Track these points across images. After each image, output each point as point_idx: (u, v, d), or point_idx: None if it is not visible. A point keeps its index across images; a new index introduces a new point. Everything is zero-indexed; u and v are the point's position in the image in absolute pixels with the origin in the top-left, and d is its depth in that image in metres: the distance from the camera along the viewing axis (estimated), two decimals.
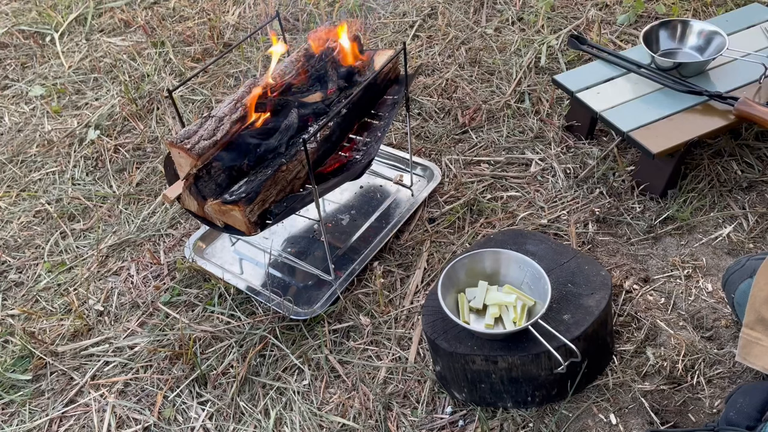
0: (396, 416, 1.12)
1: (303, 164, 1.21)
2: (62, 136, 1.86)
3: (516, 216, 1.44)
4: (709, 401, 1.08)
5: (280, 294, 1.31)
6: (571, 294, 1.09)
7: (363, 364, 1.20)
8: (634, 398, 1.09)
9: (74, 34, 2.32)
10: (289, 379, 1.20)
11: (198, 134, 1.17)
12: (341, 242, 1.42)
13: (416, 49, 2.00)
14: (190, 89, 1.96)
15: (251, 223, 1.15)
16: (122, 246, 1.51)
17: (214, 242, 1.47)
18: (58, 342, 1.32)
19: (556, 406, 1.09)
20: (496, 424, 1.08)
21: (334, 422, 1.12)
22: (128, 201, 1.63)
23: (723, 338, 1.16)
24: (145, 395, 1.21)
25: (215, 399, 1.18)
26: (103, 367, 1.27)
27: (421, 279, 1.34)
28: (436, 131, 1.69)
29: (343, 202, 1.52)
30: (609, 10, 2.05)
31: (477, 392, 1.09)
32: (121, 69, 2.10)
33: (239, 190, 1.17)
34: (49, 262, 1.49)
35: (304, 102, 1.31)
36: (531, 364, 1.03)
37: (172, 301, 1.36)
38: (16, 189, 1.71)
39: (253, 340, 1.26)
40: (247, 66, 2.02)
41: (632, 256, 1.32)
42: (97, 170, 1.75)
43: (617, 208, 1.42)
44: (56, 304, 1.40)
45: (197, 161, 1.16)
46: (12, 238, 1.57)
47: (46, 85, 2.08)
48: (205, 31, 2.19)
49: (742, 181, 1.43)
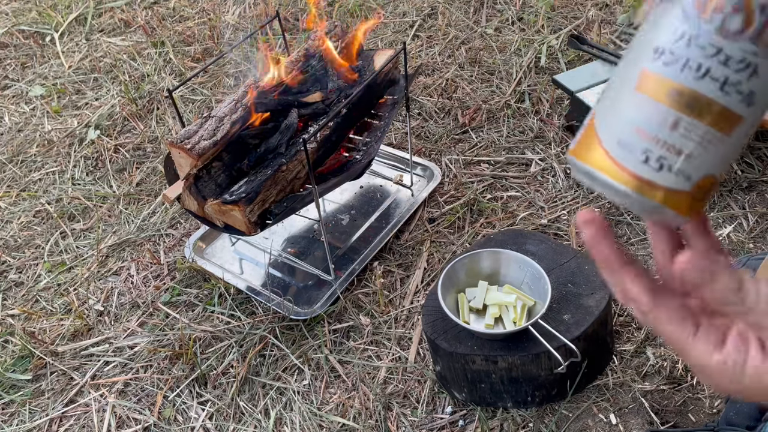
0: (396, 416, 1.12)
1: (303, 164, 1.21)
2: (62, 136, 1.86)
3: (516, 216, 1.44)
4: (709, 401, 1.08)
5: (280, 294, 1.31)
6: (571, 294, 1.09)
7: (363, 364, 1.20)
8: (634, 398, 1.09)
9: (74, 34, 2.32)
10: (289, 379, 1.20)
11: (198, 134, 1.17)
12: (341, 242, 1.42)
13: (416, 49, 2.00)
14: (190, 89, 1.96)
15: (251, 223, 1.15)
16: (122, 246, 1.51)
17: (214, 242, 1.47)
18: (58, 342, 1.32)
19: (556, 406, 1.09)
20: (496, 424, 1.08)
21: (334, 422, 1.12)
22: (128, 201, 1.63)
23: None
24: (145, 395, 1.21)
25: (215, 399, 1.18)
26: (103, 367, 1.27)
27: (421, 279, 1.34)
28: (436, 131, 1.69)
29: (343, 202, 1.52)
30: (609, 10, 2.05)
31: (477, 392, 1.09)
32: (121, 69, 2.10)
33: (239, 190, 1.17)
34: (49, 262, 1.49)
35: (304, 102, 1.31)
36: (531, 364, 1.03)
37: (172, 301, 1.36)
38: (16, 189, 1.71)
39: (253, 340, 1.26)
40: (248, 66, 2.02)
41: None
42: (97, 170, 1.75)
43: (617, 208, 1.42)
44: (56, 304, 1.40)
45: (197, 161, 1.16)
46: (12, 238, 1.57)
47: (46, 85, 2.08)
48: (205, 31, 2.19)
49: (742, 181, 1.43)
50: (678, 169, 0.38)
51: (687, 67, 0.37)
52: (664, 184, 0.38)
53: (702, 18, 0.37)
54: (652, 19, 0.39)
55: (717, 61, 0.36)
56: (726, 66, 0.36)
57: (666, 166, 0.38)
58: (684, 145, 0.38)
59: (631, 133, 0.38)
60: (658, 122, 0.38)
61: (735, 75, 0.36)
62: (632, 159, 0.38)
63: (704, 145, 0.38)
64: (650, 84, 0.38)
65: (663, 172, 0.38)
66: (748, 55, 0.36)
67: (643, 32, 0.40)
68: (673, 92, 0.37)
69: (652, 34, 0.39)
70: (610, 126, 0.40)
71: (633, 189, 0.38)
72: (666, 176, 0.38)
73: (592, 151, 0.40)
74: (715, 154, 0.38)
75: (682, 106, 0.37)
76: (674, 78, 0.37)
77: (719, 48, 0.36)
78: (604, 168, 0.39)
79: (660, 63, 0.38)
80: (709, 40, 0.36)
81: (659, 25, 0.39)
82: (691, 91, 0.37)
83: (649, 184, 0.38)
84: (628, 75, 0.39)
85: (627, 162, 0.38)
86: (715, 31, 0.36)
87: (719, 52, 0.36)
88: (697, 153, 0.38)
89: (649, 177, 0.38)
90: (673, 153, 0.38)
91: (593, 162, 0.40)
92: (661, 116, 0.38)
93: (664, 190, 0.38)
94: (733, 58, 0.36)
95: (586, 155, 0.40)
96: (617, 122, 0.39)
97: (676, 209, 0.39)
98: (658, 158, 0.38)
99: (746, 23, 0.36)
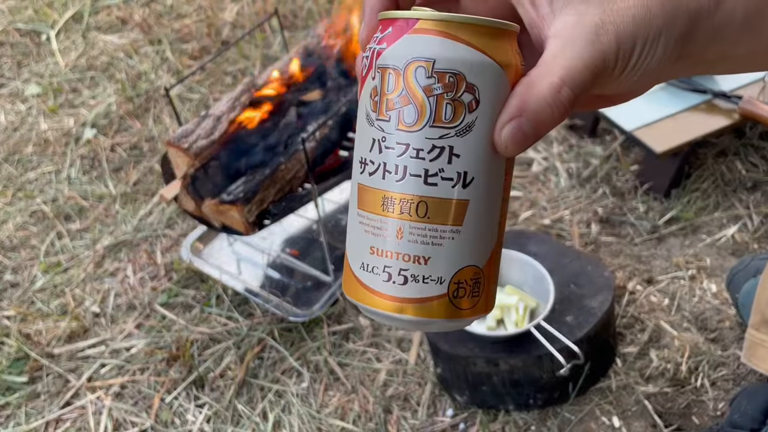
0: (396, 419, 1.11)
1: (302, 163, 1.20)
2: (58, 135, 1.85)
3: (518, 216, 1.42)
4: (713, 404, 1.07)
5: (278, 295, 1.30)
6: (573, 295, 1.08)
7: (363, 367, 1.19)
8: (637, 401, 1.07)
9: (71, 31, 2.30)
10: (287, 382, 1.19)
11: (195, 133, 1.16)
12: (341, 242, 1.40)
13: None
14: (188, 87, 1.94)
15: (249, 223, 1.14)
16: (119, 246, 1.49)
17: (212, 243, 1.45)
18: (54, 344, 1.30)
19: (558, 409, 1.07)
20: (498, 427, 1.07)
21: (333, 425, 1.11)
22: (125, 201, 1.61)
23: (727, 339, 1.15)
24: (141, 398, 1.20)
25: (213, 401, 1.17)
26: (99, 369, 1.25)
27: None
28: None
29: (343, 201, 1.51)
30: None
31: (478, 395, 1.07)
32: (117, 67, 2.08)
33: (237, 189, 1.15)
34: (45, 262, 1.48)
35: (303, 100, 1.29)
36: (533, 366, 1.02)
37: (169, 303, 1.35)
38: (11, 189, 1.70)
39: (251, 342, 1.25)
40: (246, 63, 2.00)
41: (636, 256, 1.31)
42: (93, 170, 1.73)
43: (620, 208, 1.41)
44: (52, 306, 1.38)
45: (194, 161, 1.14)
46: (8, 238, 1.55)
47: (42, 84, 2.06)
48: (203, 29, 2.18)
49: (747, 181, 1.42)
50: (424, 277, 0.35)
51: (387, 173, 0.35)
52: (416, 295, 0.35)
53: (380, 120, 0.34)
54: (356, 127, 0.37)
55: (410, 157, 0.34)
56: (420, 159, 0.34)
57: (410, 277, 0.35)
58: (418, 252, 0.35)
59: (367, 254, 0.36)
60: (383, 236, 0.35)
61: (433, 164, 0.34)
62: (378, 280, 0.36)
63: (438, 244, 0.35)
64: (365, 198, 0.36)
65: (410, 284, 0.35)
66: (437, 140, 0.33)
67: (355, 142, 0.38)
68: (384, 202, 0.35)
69: (357, 145, 0.37)
70: (352, 251, 0.38)
71: (392, 311, 0.36)
72: (414, 288, 0.35)
73: (350, 282, 0.38)
74: (458, 247, 0.35)
75: (398, 214, 0.35)
76: (380, 187, 0.35)
77: (407, 142, 0.34)
78: (360, 298, 0.37)
79: (366, 174, 0.36)
80: (395, 139, 0.34)
81: (358, 135, 0.37)
82: (399, 195, 0.34)
83: (402, 301, 0.35)
84: (352, 192, 0.37)
85: (375, 285, 0.36)
86: (396, 129, 0.34)
87: (408, 147, 0.34)
88: (435, 255, 0.35)
89: (399, 294, 0.35)
90: (410, 262, 0.35)
91: (354, 294, 0.38)
92: (384, 229, 0.35)
93: (419, 301, 0.35)
94: (424, 149, 0.34)
95: (348, 288, 0.38)
96: (355, 246, 0.38)
97: (440, 316, 0.36)
98: (399, 272, 0.35)
99: (419, 112, 0.33)
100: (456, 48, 0.33)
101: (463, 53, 0.33)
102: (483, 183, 0.35)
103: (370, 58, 0.35)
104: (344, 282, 0.39)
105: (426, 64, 0.33)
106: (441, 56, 0.33)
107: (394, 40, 0.34)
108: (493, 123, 0.34)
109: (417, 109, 0.33)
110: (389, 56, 0.34)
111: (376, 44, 0.35)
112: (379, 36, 0.35)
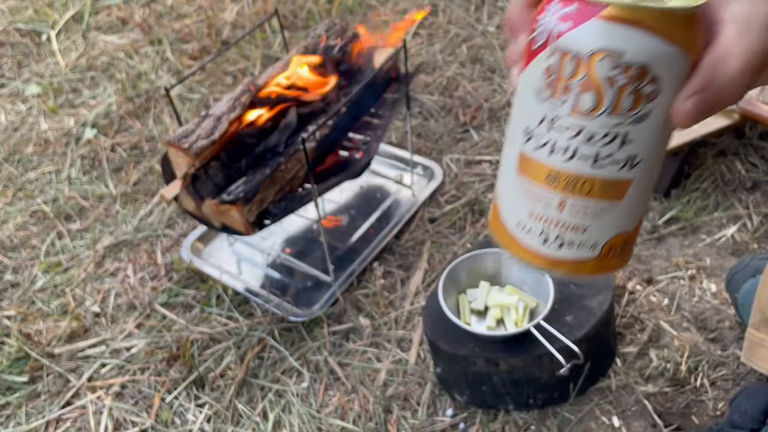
0: (396, 419, 1.11)
1: (302, 163, 1.20)
2: (59, 135, 1.85)
3: None
4: (713, 403, 1.07)
5: (278, 295, 1.30)
6: (573, 295, 1.08)
7: (363, 366, 1.19)
8: (637, 400, 1.08)
9: (71, 32, 2.30)
10: (287, 381, 1.19)
11: (196, 133, 1.16)
12: (341, 242, 1.41)
13: (417, 47, 1.99)
14: (188, 87, 1.95)
15: (249, 223, 1.14)
16: (119, 246, 1.49)
17: (212, 243, 1.45)
18: (55, 343, 1.30)
19: (558, 409, 1.08)
20: (498, 426, 1.07)
21: (333, 425, 1.11)
22: (125, 201, 1.61)
23: (727, 339, 1.15)
24: (142, 397, 1.20)
25: (213, 401, 1.17)
26: (99, 369, 1.25)
27: (422, 280, 1.32)
28: (437, 130, 1.68)
29: (343, 201, 1.51)
30: None
31: (478, 394, 1.07)
32: (118, 67, 2.08)
33: (237, 189, 1.15)
34: (45, 262, 1.48)
35: (303, 100, 1.29)
36: (533, 366, 1.02)
37: (169, 303, 1.35)
38: (12, 189, 1.70)
39: (251, 342, 1.25)
40: (246, 63, 2.00)
41: (635, 256, 1.31)
42: (93, 169, 1.73)
43: None
44: (53, 306, 1.38)
45: (195, 161, 1.14)
46: (8, 238, 1.55)
47: (42, 84, 2.06)
48: (203, 29, 2.18)
49: (746, 181, 1.42)
50: (579, 243, 0.37)
51: (554, 151, 0.35)
52: (569, 258, 0.38)
53: (553, 100, 0.34)
54: (518, 95, 0.37)
55: (582, 141, 0.34)
56: (592, 143, 0.34)
57: (566, 243, 0.37)
58: (577, 222, 0.36)
59: (525, 217, 0.38)
60: (544, 205, 0.37)
61: (604, 149, 0.34)
62: (534, 241, 0.38)
63: (597, 216, 0.36)
64: (528, 167, 0.37)
65: (564, 248, 0.37)
66: (612, 129, 0.34)
67: (515, 108, 0.38)
68: (549, 176, 0.36)
69: (520, 113, 0.37)
70: (508, 209, 0.39)
71: (543, 267, 0.38)
72: (569, 252, 0.37)
73: (502, 232, 0.40)
74: (616, 218, 0.37)
75: (561, 188, 0.36)
76: (546, 162, 0.36)
77: (581, 127, 0.34)
78: (514, 250, 0.39)
79: (531, 146, 0.36)
80: (568, 122, 0.34)
81: (523, 105, 0.37)
82: (566, 173, 0.35)
83: (555, 262, 0.38)
84: (511, 156, 0.38)
85: (530, 244, 0.38)
86: (570, 112, 0.34)
87: (581, 132, 0.34)
88: (593, 225, 0.36)
89: (553, 256, 0.38)
90: (569, 230, 0.37)
91: (506, 245, 0.40)
92: (546, 199, 0.36)
93: (571, 263, 0.38)
94: (597, 135, 0.34)
95: (499, 236, 0.40)
96: (512, 205, 0.39)
97: (590, 273, 0.38)
98: (556, 237, 0.37)
99: (597, 101, 0.33)
100: (645, 39, 0.32)
101: (651, 45, 0.32)
102: (648, 163, 0.36)
103: (547, 35, 0.34)
104: (493, 225, 0.41)
105: (612, 55, 0.32)
106: (629, 49, 0.32)
107: (579, 23, 0.32)
108: (668, 106, 0.34)
109: (596, 97, 0.33)
110: (572, 41, 0.33)
111: (557, 20, 0.33)
112: (559, 9, 0.33)
